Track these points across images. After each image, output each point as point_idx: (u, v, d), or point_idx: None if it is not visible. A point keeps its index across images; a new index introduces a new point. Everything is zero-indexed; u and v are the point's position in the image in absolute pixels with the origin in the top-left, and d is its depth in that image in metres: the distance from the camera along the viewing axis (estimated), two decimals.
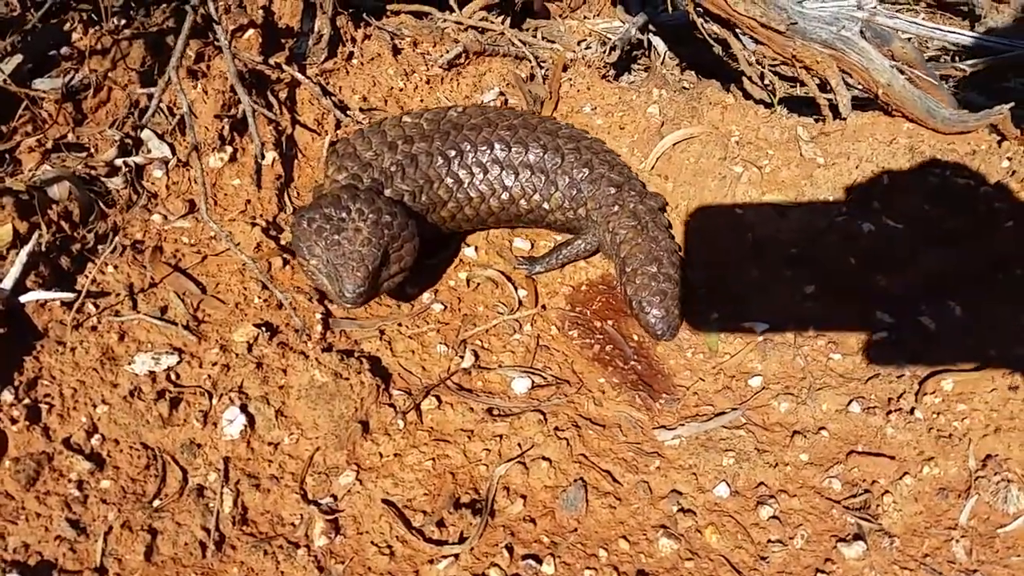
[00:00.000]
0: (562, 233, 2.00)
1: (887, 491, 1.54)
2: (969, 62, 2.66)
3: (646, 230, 1.85)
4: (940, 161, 1.99)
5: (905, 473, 1.57)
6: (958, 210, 1.93)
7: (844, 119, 2.07)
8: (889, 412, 1.65)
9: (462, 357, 1.68)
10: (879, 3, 3.25)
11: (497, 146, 1.89)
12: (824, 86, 2.13)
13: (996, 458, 1.58)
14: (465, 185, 1.88)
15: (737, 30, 2.21)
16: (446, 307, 1.79)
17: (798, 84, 2.21)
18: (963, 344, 1.75)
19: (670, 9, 2.40)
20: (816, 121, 2.16)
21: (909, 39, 2.26)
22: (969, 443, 1.60)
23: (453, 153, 1.87)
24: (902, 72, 2.07)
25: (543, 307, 1.84)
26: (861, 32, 2.02)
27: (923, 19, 3.56)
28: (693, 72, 2.87)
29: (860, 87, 2.11)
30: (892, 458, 1.59)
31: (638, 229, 1.85)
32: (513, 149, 1.90)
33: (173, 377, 1.52)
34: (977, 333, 1.76)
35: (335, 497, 1.43)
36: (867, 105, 2.16)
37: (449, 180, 1.86)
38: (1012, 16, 3.11)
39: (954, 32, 2.85)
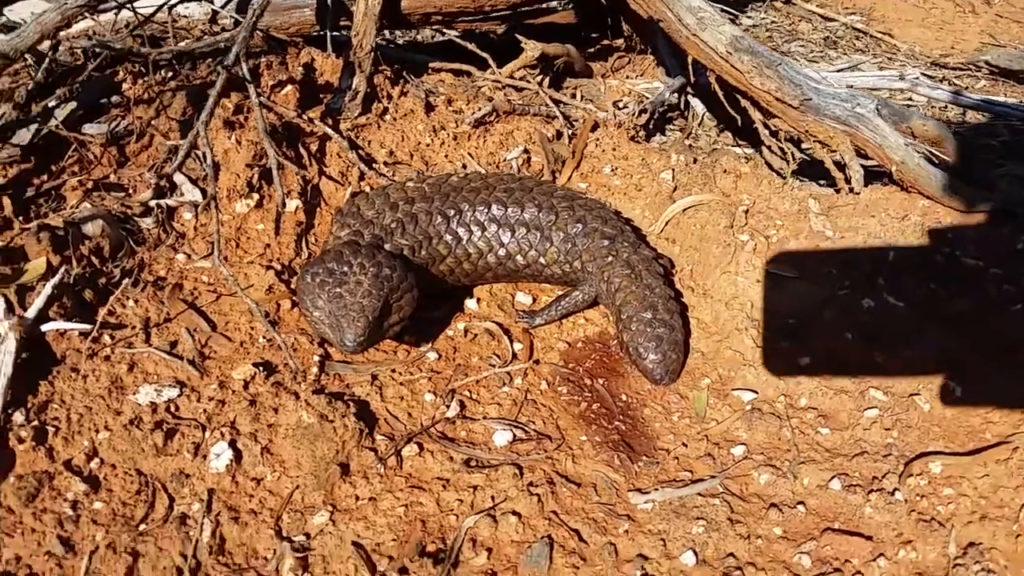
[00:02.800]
0: (562, 287, 2.06)
1: (859, 571, 1.53)
2: (1001, 138, 2.62)
3: (640, 278, 1.91)
4: (950, 239, 1.98)
5: (880, 555, 1.55)
6: (965, 290, 1.91)
7: (857, 193, 2.07)
8: (870, 491, 1.63)
9: (448, 406, 1.74)
10: (924, 72, 3.24)
11: (494, 206, 1.97)
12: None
13: (979, 546, 1.54)
14: (464, 242, 1.95)
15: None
16: (441, 356, 1.86)
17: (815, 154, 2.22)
18: (959, 427, 1.73)
19: (691, 79, 2.44)
20: (835, 191, 2.17)
21: (927, 116, 2.25)
22: (952, 529, 1.57)
23: (452, 212, 1.95)
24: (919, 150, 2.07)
25: (536, 361, 1.89)
26: (877, 109, 2.03)
27: (983, 85, 3.52)
28: (730, 133, 2.91)
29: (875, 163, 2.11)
30: (868, 538, 1.57)
31: (632, 277, 1.91)
32: (509, 208, 1.98)
33: (172, 409, 1.63)
34: (976, 417, 1.74)
35: (308, 535, 1.49)
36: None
37: (448, 237, 1.94)
38: None
39: (989, 103, 2.83)
